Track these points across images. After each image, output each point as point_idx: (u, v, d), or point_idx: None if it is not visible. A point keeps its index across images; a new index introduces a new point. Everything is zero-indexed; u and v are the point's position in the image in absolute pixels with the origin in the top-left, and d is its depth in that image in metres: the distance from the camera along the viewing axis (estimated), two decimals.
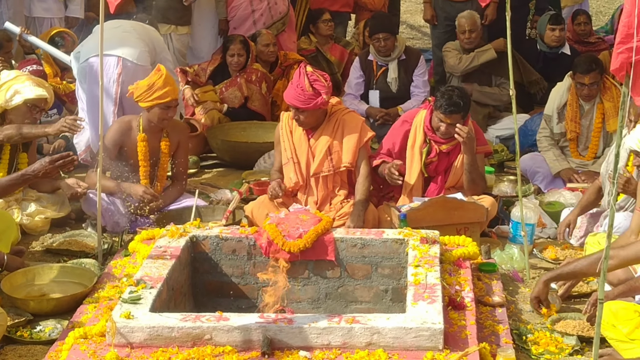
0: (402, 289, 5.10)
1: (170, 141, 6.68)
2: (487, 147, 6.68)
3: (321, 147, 6.30)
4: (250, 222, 6.15)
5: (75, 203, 6.60)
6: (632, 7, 3.72)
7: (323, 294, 5.36)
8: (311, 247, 5.26)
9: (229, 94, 8.45)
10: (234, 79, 8.47)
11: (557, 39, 8.83)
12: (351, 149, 6.29)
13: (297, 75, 6.22)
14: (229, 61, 8.46)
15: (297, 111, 6.21)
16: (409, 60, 8.51)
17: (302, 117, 6.22)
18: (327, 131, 6.32)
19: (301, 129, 6.33)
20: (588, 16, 9.99)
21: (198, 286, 5.39)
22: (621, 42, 3.79)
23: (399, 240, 5.32)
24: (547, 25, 8.84)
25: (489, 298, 5.16)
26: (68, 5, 9.41)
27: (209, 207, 6.59)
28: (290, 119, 6.38)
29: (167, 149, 6.66)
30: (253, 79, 8.49)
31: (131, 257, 5.44)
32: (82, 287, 5.32)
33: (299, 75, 6.18)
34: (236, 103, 8.45)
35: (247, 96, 8.47)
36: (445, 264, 5.24)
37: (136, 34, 7.33)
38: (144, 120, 6.54)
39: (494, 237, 6.39)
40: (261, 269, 5.22)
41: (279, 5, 9.19)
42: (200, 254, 5.38)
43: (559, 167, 7.20)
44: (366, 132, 6.36)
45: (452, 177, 6.42)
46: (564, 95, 7.29)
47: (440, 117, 6.23)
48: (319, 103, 6.16)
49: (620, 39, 3.79)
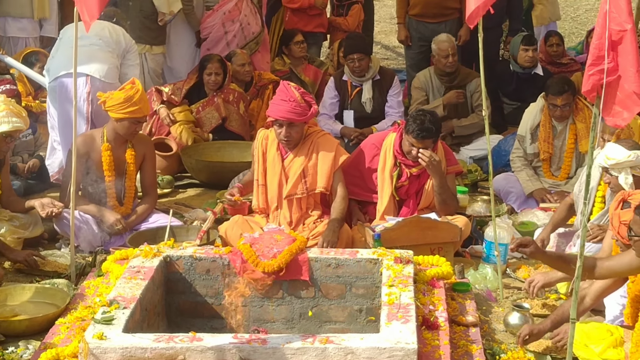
0: (376, 308, 5.09)
1: (136, 152, 6.68)
2: (457, 166, 6.70)
3: (295, 169, 6.29)
4: (224, 242, 6.14)
5: (48, 223, 6.56)
6: (602, 29, 3.76)
7: (297, 314, 5.34)
8: (285, 267, 5.24)
9: (205, 113, 8.43)
10: (211, 98, 8.45)
11: (530, 60, 8.90)
12: (326, 173, 6.29)
13: (282, 91, 6.22)
14: (206, 80, 8.45)
15: (288, 126, 6.19)
16: (383, 80, 8.54)
17: (294, 132, 6.21)
18: (301, 152, 6.32)
19: (275, 148, 6.32)
20: (560, 37, 10.08)
21: (172, 306, 5.36)
22: (592, 64, 3.82)
23: (373, 260, 5.31)
24: (520, 46, 8.91)
25: (463, 318, 5.16)
26: (43, 25, 9.40)
27: (183, 227, 6.57)
28: (264, 138, 6.37)
29: (133, 159, 6.66)
30: (230, 99, 8.49)
31: (104, 277, 5.41)
32: (55, 308, 5.29)
33: (287, 90, 6.19)
34: (213, 123, 8.44)
35: (225, 117, 8.46)
36: (419, 283, 5.23)
37: (105, 46, 7.28)
38: (108, 130, 6.56)
39: (468, 257, 6.40)
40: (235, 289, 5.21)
41: (251, 26, 9.20)
42: (174, 274, 5.35)
43: (532, 187, 7.23)
44: (341, 155, 6.36)
45: (424, 200, 6.43)
46: (537, 116, 7.34)
47: (411, 142, 6.24)
48: (312, 114, 6.22)
49: (592, 61, 3.83)
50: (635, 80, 3.75)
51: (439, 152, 6.33)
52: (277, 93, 6.30)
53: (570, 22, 15.27)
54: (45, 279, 5.86)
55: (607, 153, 5.40)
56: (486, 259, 6.20)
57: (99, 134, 6.60)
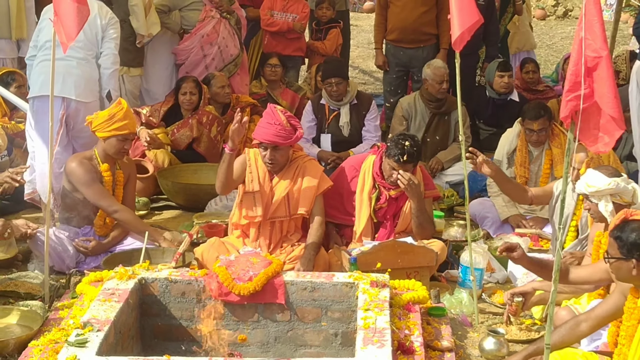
0: (352, 332, 5.08)
1: (123, 174, 6.71)
2: (435, 191, 6.72)
3: (280, 191, 6.28)
4: (200, 265, 6.10)
5: (22, 244, 6.51)
6: (578, 56, 3.78)
7: (272, 338, 5.32)
8: (261, 290, 5.23)
9: (180, 134, 8.41)
10: (186, 120, 8.45)
11: (505, 85, 8.95)
12: (309, 198, 6.30)
13: (269, 114, 6.22)
14: (182, 100, 8.45)
15: (273, 150, 6.18)
16: (360, 104, 8.56)
17: (279, 155, 6.21)
18: (287, 176, 6.32)
19: (263, 170, 6.31)
20: (536, 65, 10.18)
21: (146, 329, 5.32)
22: (570, 90, 3.84)
23: (349, 284, 5.30)
24: (496, 72, 8.97)
25: (438, 342, 5.15)
26: (21, 45, 9.36)
27: (159, 249, 6.52)
28: (256, 154, 6.34)
29: (122, 179, 6.70)
30: (204, 121, 8.48)
31: (78, 299, 5.35)
32: (28, 330, 5.24)
33: (273, 114, 6.18)
34: (185, 142, 8.44)
35: (196, 137, 8.45)
36: (395, 307, 5.22)
37: (80, 58, 7.16)
38: (99, 152, 6.55)
39: (444, 282, 6.40)
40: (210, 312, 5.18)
41: (229, 48, 9.22)
42: (149, 297, 5.32)
43: (507, 212, 7.25)
44: (325, 182, 6.38)
45: (401, 222, 6.43)
46: (514, 141, 7.38)
47: (392, 166, 6.25)
48: (298, 137, 6.23)
49: (569, 87, 3.85)
50: (614, 105, 3.77)
51: (417, 176, 6.35)
52: (264, 116, 6.31)
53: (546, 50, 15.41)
54: (19, 300, 5.80)
55: (588, 180, 5.41)
56: (462, 284, 6.20)
57: (91, 156, 6.58)
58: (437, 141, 8.60)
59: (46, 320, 5.29)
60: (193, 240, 6.55)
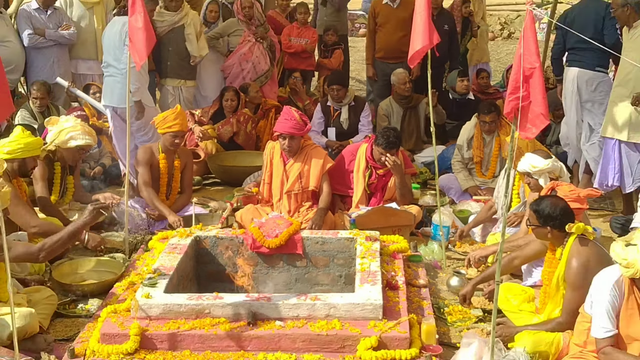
0: (352, 274, 5.09)
1: (180, 161, 6.65)
2: (413, 169, 6.74)
3: (294, 172, 6.27)
4: (239, 225, 6.11)
5: None
6: (518, 67, 3.77)
7: (294, 279, 5.33)
8: (284, 244, 5.24)
9: (224, 130, 8.41)
10: (228, 119, 8.43)
11: (465, 87, 8.89)
12: (316, 175, 6.27)
13: (286, 112, 6.23)
14: (224, 104, 8.44)
15: (290, 139, 6.17)
16: (357, 105, 8.50)
17: (294, 143, 6.20)
18: (299, 160, 6.30)
19: (279, 156, 6.30)
20: (488, 73, 10.06)
21: (200, 274, 5.34)
22: (511, 92, 3.83)
23: (350, 239, 5.31)
24: (457, 78, 8.91)
25: (416, 281, 5.15)
26: None
27: (209, 215, 6.53)
28: (272, 148, 6.34)
29: (179, 166, 6.64)
30: (241, 119, 8.46)
31: (150, 252, 5.38)
32: (114, 275, 5.27)
33: (289, 112, 6.20)
34: (228, 136, 8.42)
35: (236, 132, 8.43)
36: (384, 256, 5.23)
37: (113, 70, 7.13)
38: (161, 145, 6.53)
39: (420, 236, 6.39)
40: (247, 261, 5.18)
41: (261, 65, 9.17)
42: (202, 250, 5.34)
43: (467, 184, 7.22)
44: (327, 162, 6.35)
45: (388, 193, 6.42)
46: (471, 130, 7.32)
47: (380, 151, 6.24)
48: (308, 129, 6.26)
49: (511, 91, 3.83)
50: (542, 104, 3.76)
51: (399, 158, 6.33)
52: (282, 114, 6.30)
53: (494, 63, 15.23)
54: (106, 253, 5.82)
55: (531, 162, 5.36)
56: (433, 237, 6.18)
57: (155, 148, 6.55)
58: (411, 129, 8.63)
59: (127, 268, 5.31)
60: (233, 207, 6.54)
